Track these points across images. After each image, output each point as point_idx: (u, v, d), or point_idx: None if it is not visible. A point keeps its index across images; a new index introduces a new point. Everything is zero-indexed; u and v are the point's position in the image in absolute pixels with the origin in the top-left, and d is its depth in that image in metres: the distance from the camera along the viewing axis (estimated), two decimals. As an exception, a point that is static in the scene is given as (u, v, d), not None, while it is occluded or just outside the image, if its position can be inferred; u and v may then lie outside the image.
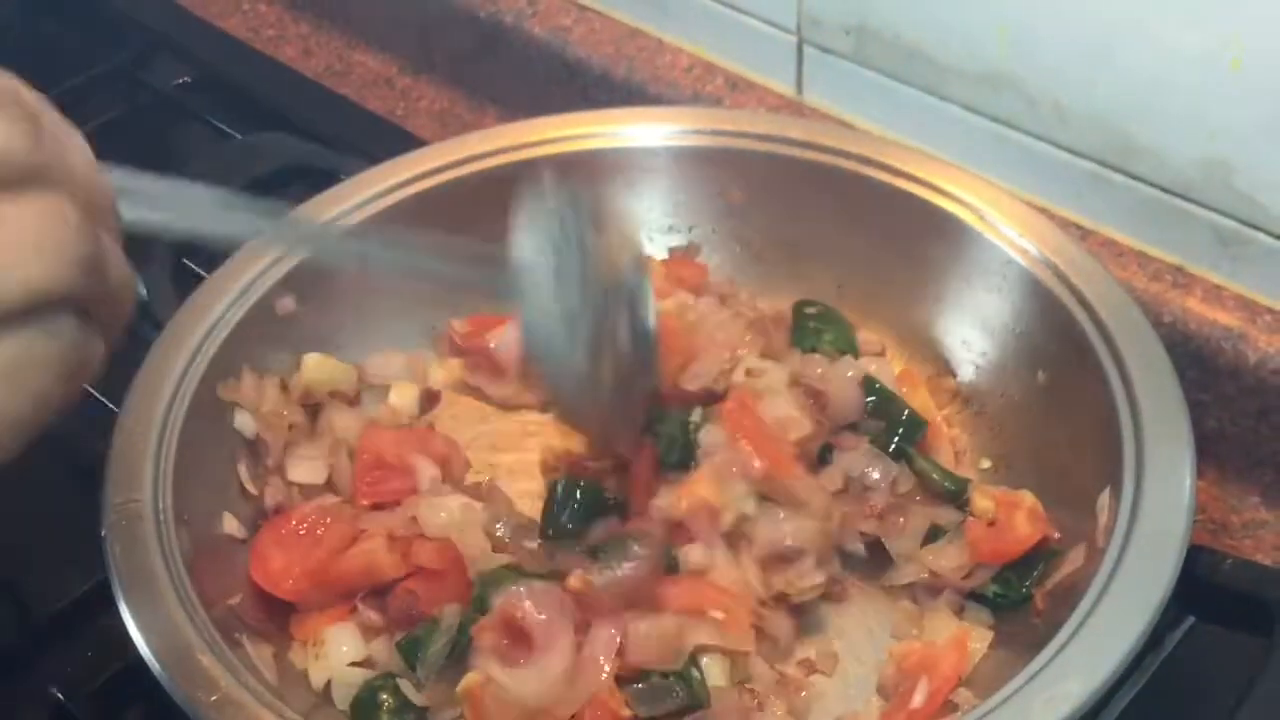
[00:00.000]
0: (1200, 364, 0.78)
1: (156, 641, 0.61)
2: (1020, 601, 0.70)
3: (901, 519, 0.73)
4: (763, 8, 0.91)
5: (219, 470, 0.75)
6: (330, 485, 0.78)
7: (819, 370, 0.77)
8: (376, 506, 0.76)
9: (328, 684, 0.69)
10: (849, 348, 0.81)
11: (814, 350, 0.80)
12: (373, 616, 0.71)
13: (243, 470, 0.76)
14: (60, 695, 0.69)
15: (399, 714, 0.67)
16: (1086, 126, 0.80)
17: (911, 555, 0.72)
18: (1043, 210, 0.80)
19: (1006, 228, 0.78)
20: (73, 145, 0.42)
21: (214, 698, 0.59)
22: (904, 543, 0.72)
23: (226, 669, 0.60)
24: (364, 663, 0.70)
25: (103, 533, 0.65)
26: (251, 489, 0.76)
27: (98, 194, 0.43)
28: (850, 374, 0.77)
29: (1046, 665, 0.58)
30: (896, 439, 0.75)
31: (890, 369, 0.80)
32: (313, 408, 0.80)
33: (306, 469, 0.78)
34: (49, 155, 0.40)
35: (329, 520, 0.72)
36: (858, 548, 0.72)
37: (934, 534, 0.72)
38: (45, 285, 0.39)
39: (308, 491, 0.77)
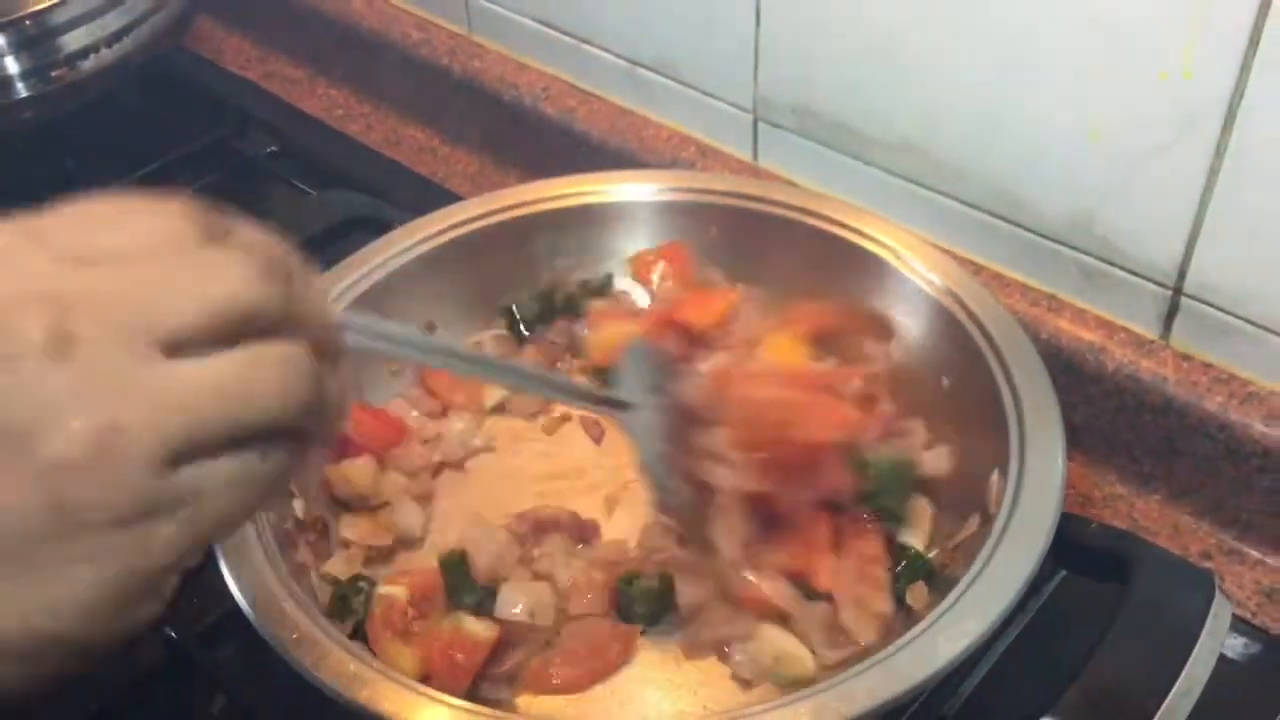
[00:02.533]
0: (1070, 371, 0.78)
1: (249, 592, 0.61)
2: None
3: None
4: (726, 92, 0.91)
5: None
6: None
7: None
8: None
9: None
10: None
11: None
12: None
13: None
14: (174, 635, 0.69)
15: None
16: (980, 185, 0.81)
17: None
18: (946, 251, 0.80)
19: (917, 264, 0.78)
20: (312, 294, 0.41)
21: (295, 636, 0.58)
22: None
23: (305, 613, 0.60)
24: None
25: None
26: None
27: (329, 337, 0.42)
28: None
29: (948, 609, 0.58)
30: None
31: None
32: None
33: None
34: (296, 307, 0.39)
35: None
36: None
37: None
38: (276, 419, 0.38)
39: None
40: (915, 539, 0.71)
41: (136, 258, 0.37)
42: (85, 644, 0.36)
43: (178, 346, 0.36)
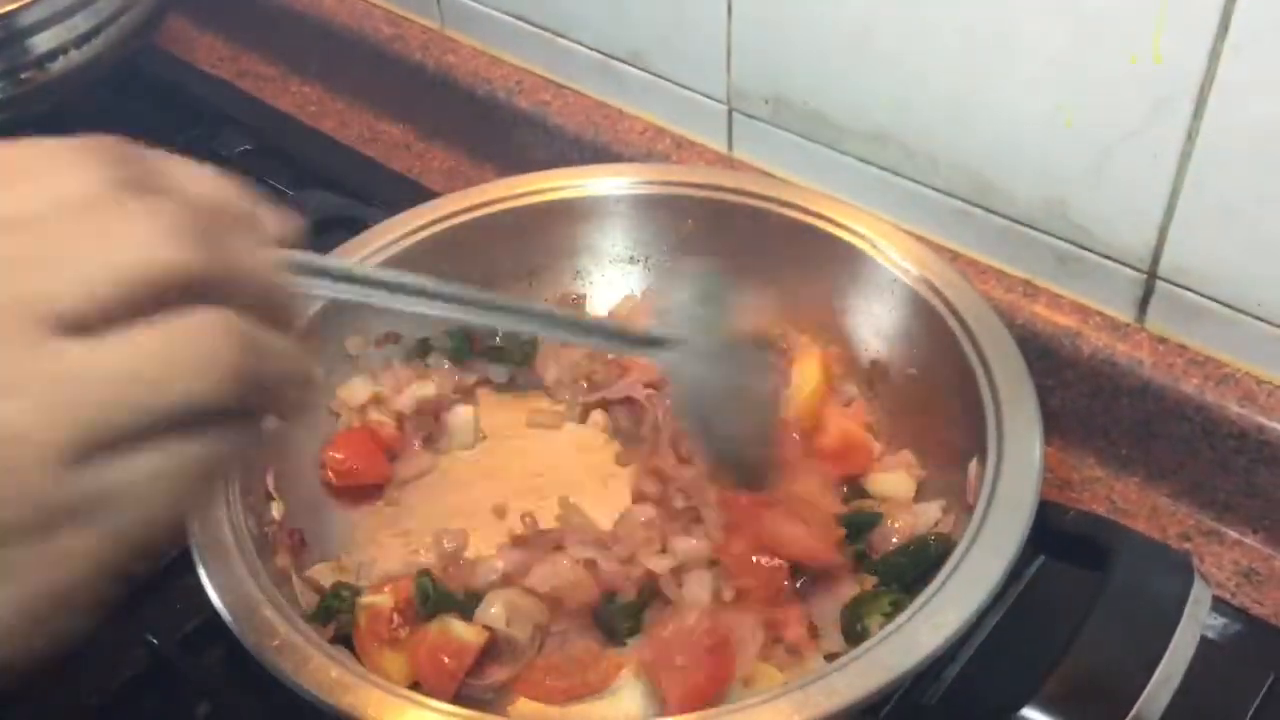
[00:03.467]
0: (1046, 356, 0.78)
1: (228, 598, 0.60)
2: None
3: None
4: (700, 84, 0.91)
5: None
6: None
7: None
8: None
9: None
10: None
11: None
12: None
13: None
14: (155, 641, 0.68)
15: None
16: (954, 172, 0.80)
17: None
18: (921, 239, 0.80)
19: (893, 253, 0.77)
20: (243, 246, 0.35)
21: (276, 643, 0.58)
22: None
23: (284, 619, 0.59)
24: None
25: (185, 512, 0.64)
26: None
27: (269, 291, 0.35)
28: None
29: (930, 599, 0.58)
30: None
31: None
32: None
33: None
34: (216, 265, 0.33)
35: None
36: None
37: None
38: (200, 400, 0.32)
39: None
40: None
41: (32, 222, 0.32)
42: (5, 664, 0.32)
43: (79, 325, 0.31)
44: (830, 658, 0.63)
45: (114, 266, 0.31)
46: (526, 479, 0.77)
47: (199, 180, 0.36)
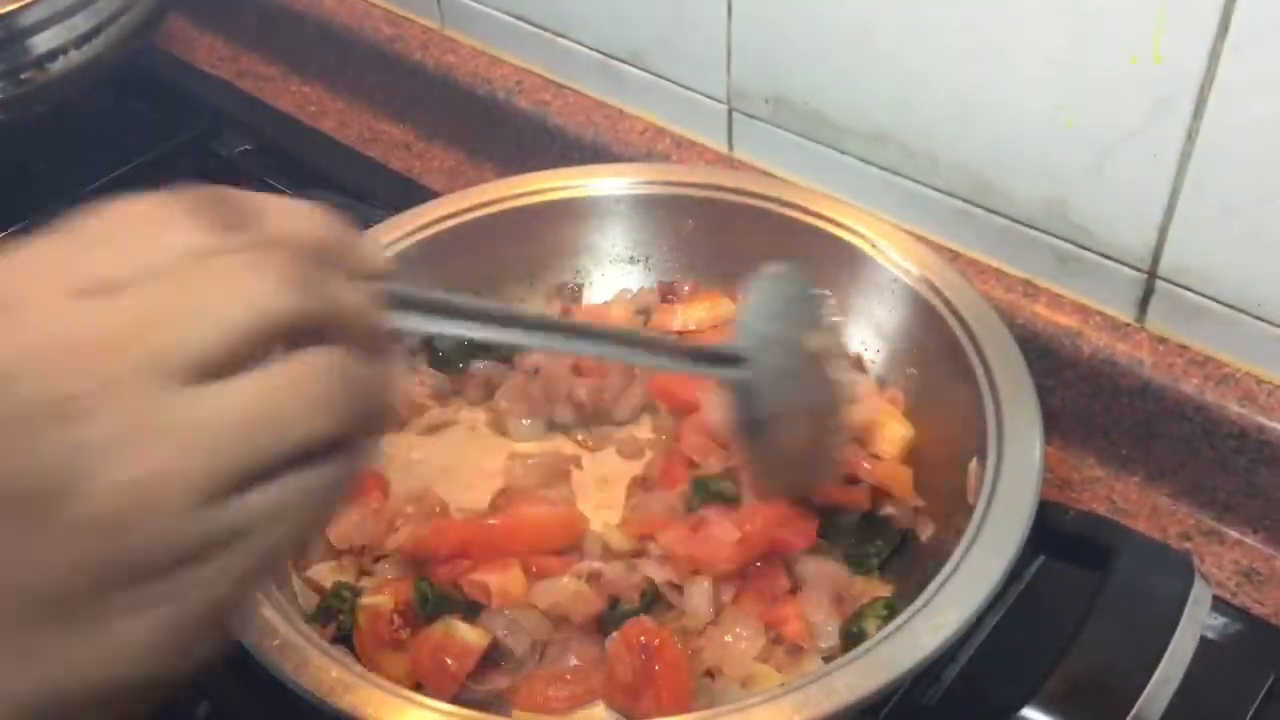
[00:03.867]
0: (1046, 356, 0.78)
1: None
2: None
3: None
4: (700, 84, 0.91)
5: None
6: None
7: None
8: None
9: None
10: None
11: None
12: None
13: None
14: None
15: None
16: (954, 172, 0.80)
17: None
18: (921, 239, 0.80)
19: (893, 253, 0.77)
20: (343, 284, 0.36)
21: (275, 642, 0.58)
22: None
23: (284, 619, 0.59)
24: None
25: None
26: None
27: (369, 327, 0.37)
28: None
29: (930, 599, 0.58)
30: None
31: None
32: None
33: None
34: (322, 307, 0.35)
35: None
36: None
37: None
38: (321, 435, 0.35)
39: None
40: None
41: (146, 282, 0.34)
42: (151, 685, 0.34)
43: (205, 373, 0.33)
44: (829, 659, 0.63)
45: (229, 319, 0.34)
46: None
47: (293, 217, 0.37)
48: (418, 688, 0.61)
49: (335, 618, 0.65)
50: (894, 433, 0.73)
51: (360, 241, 0.39)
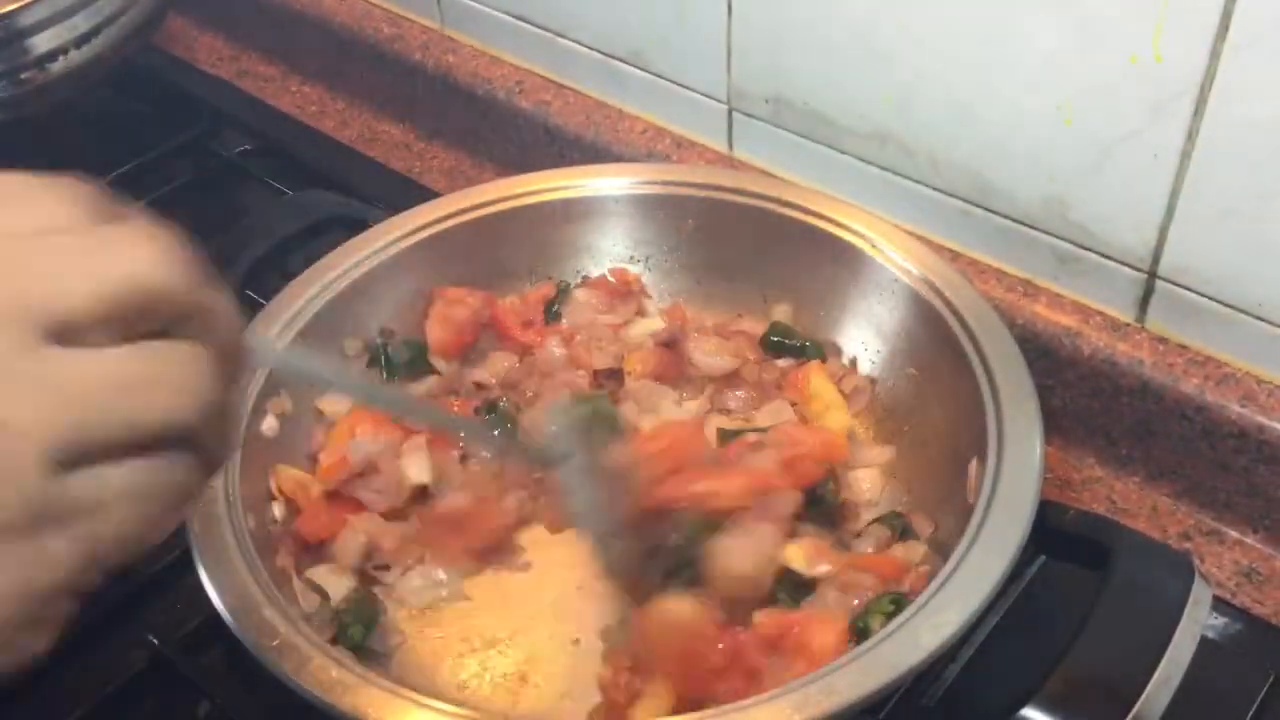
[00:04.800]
0: (1046, 356, 0.78)
1: (228, 598, 0.60)
2: None
3: None
4: (700, 83, 0.91)
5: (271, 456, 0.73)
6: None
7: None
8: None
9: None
10: None
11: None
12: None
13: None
14: (156, 641, 0.68)
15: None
16: (954, 172, 0.80)
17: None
18: (921, 238, 0.80)
19: (893, 253, 0.77)
20: (219, 299, 0.37)
21: (275, 642, 0.58)
22: None
23: (284, 619, 0.59)
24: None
25: (186, 512, 0.64)
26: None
27: (233, 336, 0.37)
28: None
29: (930, 598, 0.58)
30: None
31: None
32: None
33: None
34: (194, 294, 0.35)
35: None
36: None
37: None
38: (179, 422, 0.34)
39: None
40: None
41: (25, 237, 0.33)
42: None
43: (70, 335, 0.32)
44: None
45: (106, 280, 0.33)
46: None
47: (158, 225, 0.37)
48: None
49: (350, 636, 0.66)
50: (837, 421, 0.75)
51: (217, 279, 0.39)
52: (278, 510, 0.70)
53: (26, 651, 0.33)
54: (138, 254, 0.34)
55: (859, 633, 0.63)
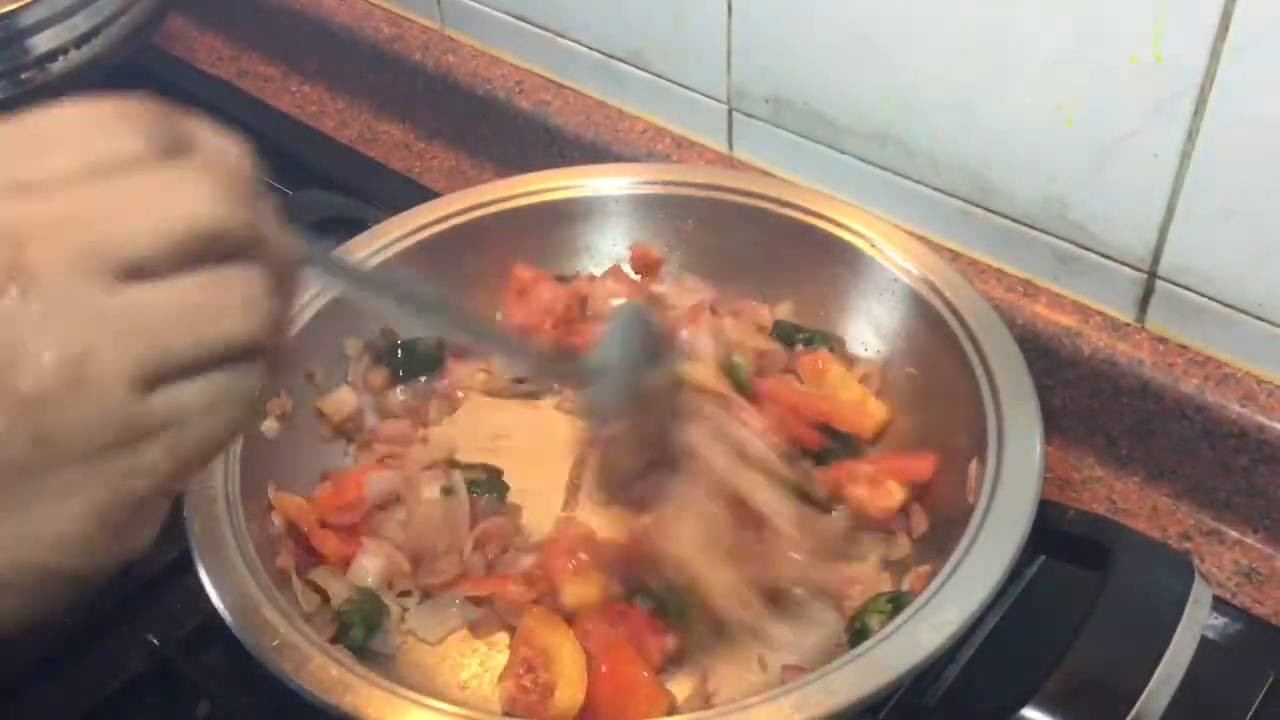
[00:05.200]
0: (1046, 356, 0.78)
1: (227, 598, 0.60)
2: None
3: None
4: (700, 83, 0.91)
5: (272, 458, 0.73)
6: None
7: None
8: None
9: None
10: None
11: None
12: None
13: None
14: (155, 640, 0.68)
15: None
16: (954, 172, 0.80)
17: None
18: (921, 238, 0.80)
19: (893, 253, 0.78)
20: (274, 226, 0.39)
21: (275, 642, 0.58)
22: None
23: (284, 618, 0.59)
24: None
25: (185, 512, 0.64)
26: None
27: (287, 257, 0.40)
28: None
29: (930, 598, 0.58)
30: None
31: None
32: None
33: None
34: (248, 227, 0.37)
35: None
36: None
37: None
38: (243, 338, 0.37)
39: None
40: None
41: (88, 181, 0.35)
42: (78, 574, 0.36)
43: (137, 272, 0.35)
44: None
45: (166, 220, 0.35)
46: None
47: (223, 145, 0.39)
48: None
49: (348, 633, 0.65)
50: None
51: (270, 193, 0.41)
52: (277, 519, 0.70)
53: (133, 545, 0.37)
54: (197, 196, 0.36)
55: (857, 633, 0.63)
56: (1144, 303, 0.76)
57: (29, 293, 0.34)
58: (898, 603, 0.64)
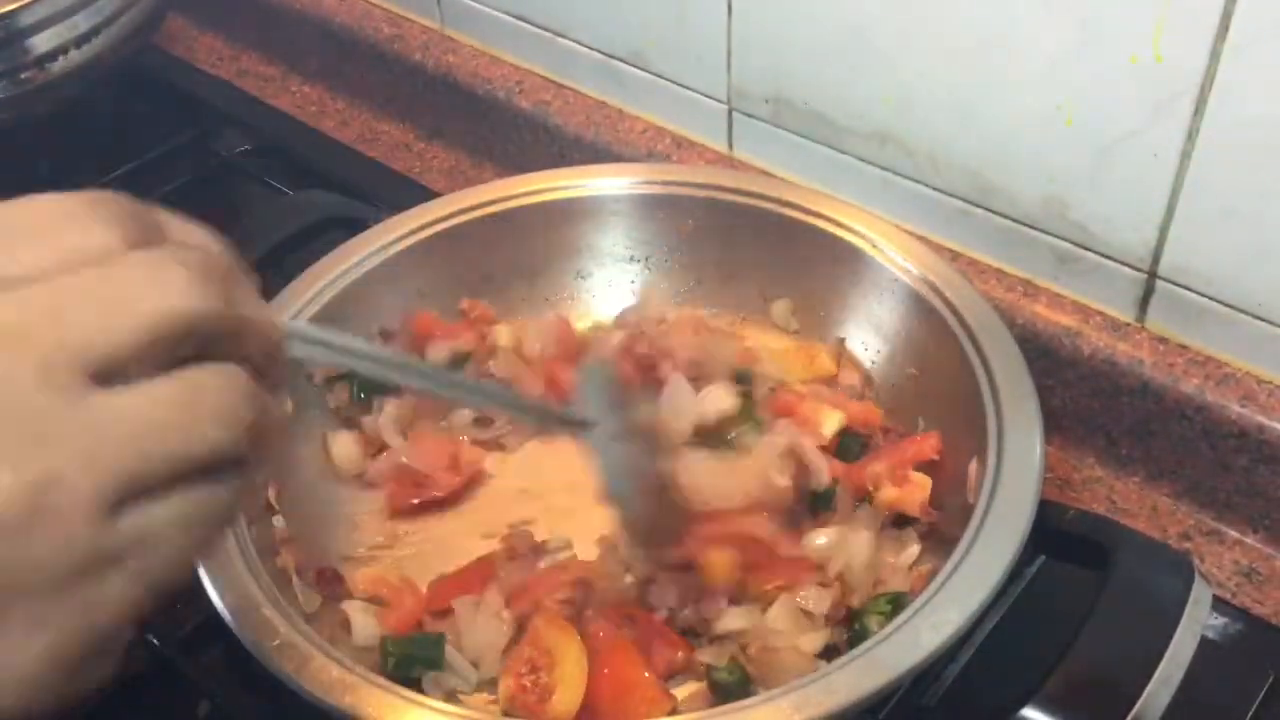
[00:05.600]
0: (1046, 356, 0.78)
1: (228, 598, 0.60)
2: None
3: None
4: (700, 83, 0.91)
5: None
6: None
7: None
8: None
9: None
10: None
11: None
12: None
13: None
14: (155, 641, 0.68)
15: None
16: (954, 172, 0.80)
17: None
18: (921, 238, 0.80)
19: (893, 253, 0.78)
20: (252, 299, 0.37)
21: (275, 642, 0.58)
22: None
23: (284, 618, 0.59)
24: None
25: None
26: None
27: (271, 345, 0.37)
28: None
29: (931, 598, 0.58)
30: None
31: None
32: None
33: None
34: (227, 313, 0.35)
35: None
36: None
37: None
38: (224, 450, 0.34)
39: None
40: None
41: (57, 276, 0.33)
42: (36, 712, 0.32)
43: (110, 373, 0.32)
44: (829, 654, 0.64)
45: (139, 315, 0.33)
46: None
47: (193, 234, 0.37)
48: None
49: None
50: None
51: (243, 266, 0.39)
52: (278, 522, 0.70)
53: (92, 681, 0.34)
54: (170, 285, 0.34)
55: (855, 634, 0.63)
56: (1144, 303, 0.76)
57: None
58: (897, 603, 0.64)
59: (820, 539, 0.68)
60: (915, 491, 0.69)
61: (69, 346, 0.32)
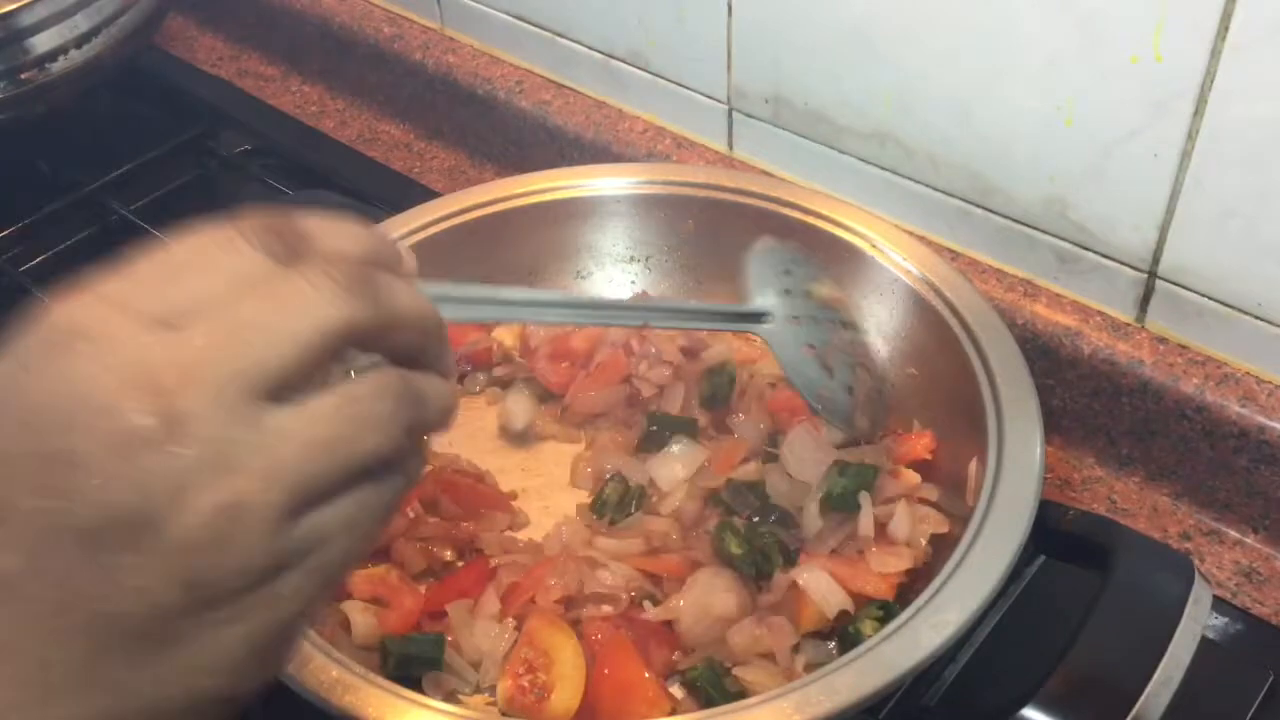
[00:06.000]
0: (1046, 356, 0.78)
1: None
2: None
3: None
4: (700, 83, 0.91)
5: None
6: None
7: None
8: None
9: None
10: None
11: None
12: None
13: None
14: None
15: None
16: (953, 172, 0.80)
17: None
18: (921, 238, 0.80)
19: (893, 253, 0.78)
20: (401, 293, 0.39)
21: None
22: None
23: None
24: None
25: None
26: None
27: (427, 329, 0.40)
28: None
29: (931, 598, 0.58)
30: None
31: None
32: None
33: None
34: (380, 312, 0.37)
35: None
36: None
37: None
38: (385, 455, 0.37)
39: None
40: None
41: (217, 307, 0.36)
42: (233, 697, 0.37)
43: (281, 392, 0.35)
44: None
45: (296, 334, 0.36)
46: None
47: (338, 232, 0.39)
48: None
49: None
50: None
51: (396, 245, 0.42)
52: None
53: (280, 666, 0.39)
54: (319, 298, 0.36)
55: (848, 639, 0.63)
56: (1144, 303, 0.76)
57: (178, 438, 0.34)
58: (887, 609, 0.64)
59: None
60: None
61: (240, 373, 0.35)
